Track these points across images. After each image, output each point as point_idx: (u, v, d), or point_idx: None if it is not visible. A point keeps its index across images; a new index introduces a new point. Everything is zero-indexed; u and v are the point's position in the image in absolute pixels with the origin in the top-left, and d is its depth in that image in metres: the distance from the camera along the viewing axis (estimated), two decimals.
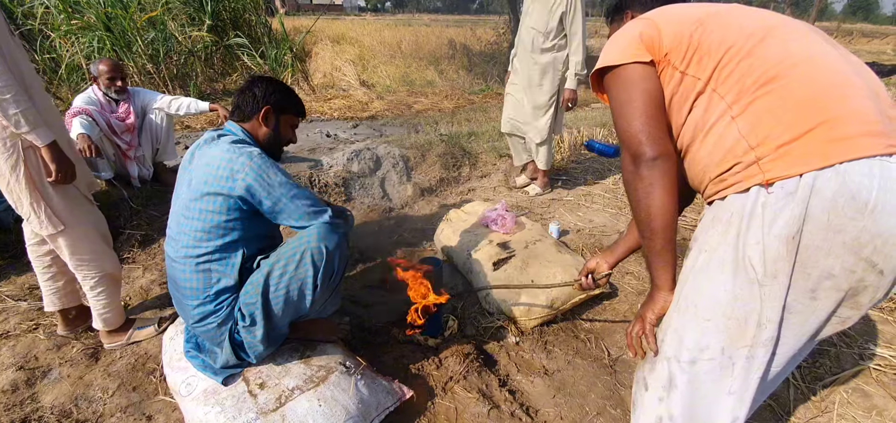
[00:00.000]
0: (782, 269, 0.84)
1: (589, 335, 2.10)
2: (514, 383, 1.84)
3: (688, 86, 0.98)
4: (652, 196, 0.98)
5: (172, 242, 1.54)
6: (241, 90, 1.64)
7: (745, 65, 0.91)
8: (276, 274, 1.46)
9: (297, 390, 1.47)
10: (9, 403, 1.70)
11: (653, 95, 1.00)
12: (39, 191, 1.64)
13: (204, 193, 1.44)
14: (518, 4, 11.27)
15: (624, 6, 1.34)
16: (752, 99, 0.88)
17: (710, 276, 0.94)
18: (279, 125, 1.67)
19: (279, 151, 1.72)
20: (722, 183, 0.95)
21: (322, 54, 8.83)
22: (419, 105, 7.42)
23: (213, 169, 1.44)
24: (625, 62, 1.02)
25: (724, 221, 0.93)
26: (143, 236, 2.87)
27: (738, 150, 0.89)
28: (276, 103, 1.63)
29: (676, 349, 0.99)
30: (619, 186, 3.92)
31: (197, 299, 1.49)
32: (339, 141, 4.80)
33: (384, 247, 2.91)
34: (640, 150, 0.98)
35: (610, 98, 1.08)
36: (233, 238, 1.48)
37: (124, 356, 1.95)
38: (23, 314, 2.20)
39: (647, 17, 1.07)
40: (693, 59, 0.97)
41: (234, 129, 1.60)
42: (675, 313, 1.01)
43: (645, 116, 0.99)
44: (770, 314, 0.87)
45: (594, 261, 1.60)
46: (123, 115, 3.10)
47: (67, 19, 5.83)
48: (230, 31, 7.60)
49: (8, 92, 1.44)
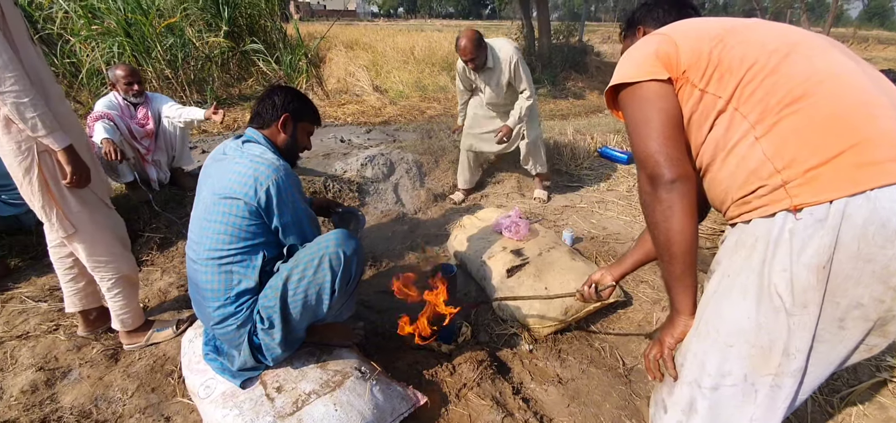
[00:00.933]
0: (812, 299, 0.82)
1: (603, 344, 2.08)
2: (527, 391, 1.83)
3: (708, 104, 0.95)
4: (671, 220, 0.95)
5: (194, 244, 1.57)
6: (260, 98, 1.69)
7: (769, 83, 0.88)
8: (295, 279, 1.49)
9: (314, 394, 1.48)
10: (29, 403, 1.73)
11: (670, 114, 0.98)
12: (53, 194, 1.67)
13: (226, 197, 1.48)
14: (531, 9, 11.29)
15: (637, 21, 1.32)
16: (778, 119, 0.86)
17: (733, 302, 0.92)
18: (296, 132, 1.71)
19: (296, 157, 1.76)
20: (745, 205, 0.92)
21: (336, 60, 8.90)
22: (432, 110, 7.44)
23: (238, 175, 1.48)
24: (640, 80, 0.99)
25: (748, 246, 0.90)
26: (162, 239, 2.92)
27: (762, 172, 0.87)
28: (294, 111, 1.68)
29: (697, 374, 0.97)
30: (633, 193, 3.89)
31: (218, 300, 1.51)
32: (352, 146, 4.83)
33: (398, 252, 2.92)
34: (657, 171, 0.95)
35: (625, 116, 1.05)
36: (254, 241, 1.51)
37: (143, 358, 1.98)
38: (43, 315, 2.25)
39: (663, 33, 1.05)
40: (713, 76, 0.94)
41: (255, 135, 1.63)
42: (695, 338, 0.99)
43: (662, 136, 0.96)
44: (799, 344, 0.85)
45: (599, 272, 1.59)
46: (143, 120, 3.16)
47: (87, 25, 5.96)
48: (246, 36, 7.71)
49: (25, 96, 1.47)
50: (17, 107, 1.47)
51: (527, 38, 11.10)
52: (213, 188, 1.52)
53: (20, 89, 1.46)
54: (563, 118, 7.44)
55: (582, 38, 13.24)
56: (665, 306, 2.32)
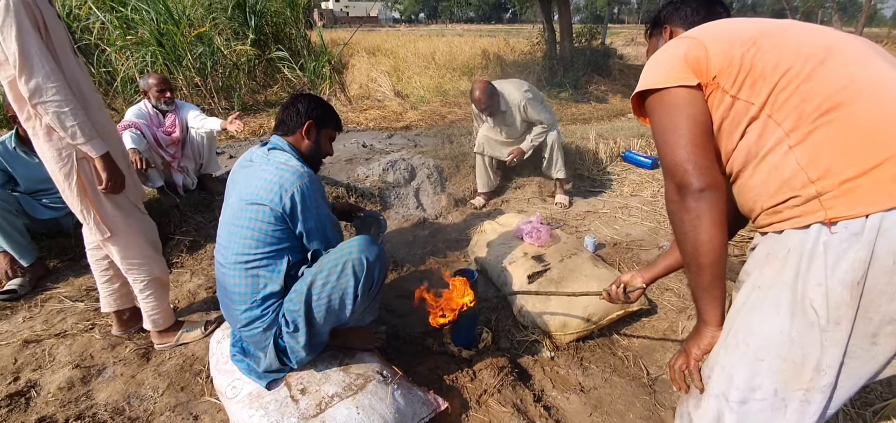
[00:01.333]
0: (845, 315, 0.80)
1: (627, 353, 2.05)
2: (549, 399, 1.82)
3: (740, 110, 0.92)
4: (699, 229, 0.93)
5: (223, 249, 1.61)
6: (285, 106, 1.74)
7: (804, 89, 0.85)
8: (319, 284, 1.52)
9: (337, 397, 1.51)
10: (65, 399, 1.80)
11: (699, 121, 0.95)
12: (90, 199, 1.75)
13: (252, 203, 1.52)
14: (552, 12, 11.22)
15: (663, 21, 1.28)
16: (813, 128, 0.83)
17: (763, 314, 0.89)
18: (320, 139, 1.76)
19: (319, 162, 1.81)
20: (777, 215, 0.90)
21: (358, 66, 9.03)
22: (453, 115, 7.46)
23: (264, 182, 1.53)
24: (669, 86, 0.97)
25: (781, 257, 0.88)
26: (191, 242, 3.01)
27: (795, 182, 0.85)
28: (317, 118, 1.73)
29: (725, 388, 0.95)
30: (657, 199, 3.82)
31: (245, 303, 1.55)
32: (374, 151, 4.88)
33: (419, 257, 2.94)
34: (685, 180, 0.92)
35: (652, 123, 1.02)
36: (279, 246, 1.56)
37: (173, 357, 2.04)
38: (80, 315, 2.34)
39: (692, 36, 1.01)
40: (745, 82, 0.91)
41: (281, 142, 1.68)
42: (723, 350, 0.96)
43: (691, 143, 0.93)
44: (830, 361, 0.83)
45: (629, 274, 1.56)
46: (170, 128, 3.27)
47: (122, 35, 6.20)
48: (272, 44, 7.90)
49: (67, 105, 1.55)
50: (58, 116, 1.55)
51: (548, 42, 11.04)
52: (241, 194, 1.57)
53: (61, 99, 1.54)
54: (586, 122, 7.36)
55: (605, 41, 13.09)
56: (691, 314, 2.27)
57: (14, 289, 2.47)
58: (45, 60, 1.50)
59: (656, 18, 1.32)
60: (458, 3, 20.12)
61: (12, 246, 2.52)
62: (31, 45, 1.47)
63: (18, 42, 1.44)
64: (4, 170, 2.64)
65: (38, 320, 2.30)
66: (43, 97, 1.51)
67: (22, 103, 1.56)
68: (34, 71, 1.48)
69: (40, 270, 2.65)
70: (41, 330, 2.21)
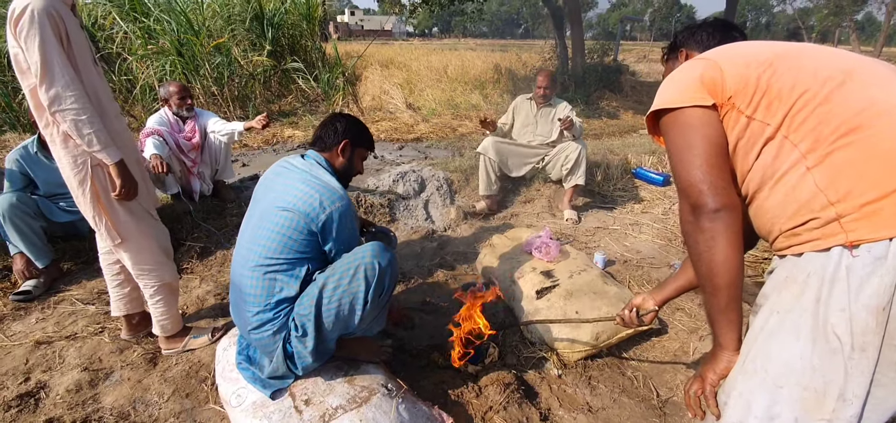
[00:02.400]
0: (871, 342, 0.77)
1: (636, 373, 2.01)
2: (555, 418, 1.78)
3: (755, 131, 0.92)
4: (714, 251, 0.91)
5: (243, 250, 1.63)
6: (323, 124, 1.83)
7: (821, 112, 0.84)
8: (330, 287, 1.53)
9: (341, 409, 1.49)
10: (72, 402, 1.82)
11: (715, 141, 0.94)
12: (103, 205, 1.78)
13: (286, 209, 1.55)
14: (564, 28, 11.27)
15: (679, 45, 1.28)
16: (831, 150, 0.82)
17: (782, 341, 0.87)
18: (353, 157, 1.83)
19: (350, 179, 1.88)
20: (795, 237, 0.88)
21: (371, 78, 9.14)
22: (463, 128, 7.50)
23: (303, 194, 1.57)
24: (684, 105, 0.96)
25: (800, 281, 0.86)
26: (202, 249, 3.04)
27: (814, 204, 0.83)
28: (353, 138, 1.81)
29: (742, 415, 0.92)
30: (668, 216, 3.77)
31: (258, 305, 1.56)
32: (385, 162, 4.92)
33: (427, 269, 2.93)
34: (701, 200, 0.91)
35: (667, 142, 1.02)
36: (302, 255, 1.58)
37: (180, 363, 2.05)
38: (90, 317, 2.37)
39: (708, 58, 1.01)
40: (761, 103, 0.91)
41: (318, 158, 1.75)
42: (741, 376, 0.94)
43: (706, 163, 0.92)
44: (857, 390, 0.80)
45: (641, 297, 1.54)
46: (190, 134, 3.33)
47: (144, 44, 6.37)
48: (288, 56, 8.04)
49: (84, 113, 1.59)
50: (75, 124, 1.58)
51: (560, 58, 11.07)
52: (275, 200, 1.60)
53: (79, 108, 1.57)
54: (597, 138, 7.34)
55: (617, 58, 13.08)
56: (703, 336, 2.22)
57: (29, 290, 2.51)
58: (65, 71, 1.54)
59: (673, 43, 1.33)
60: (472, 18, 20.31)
61: (29, 248, 2.57)
62: (53, 55, 1.51)
63: (41, 52, 1.48)
64: (25, 173, 2.70)
65: (50, 322, 2.33)
66: (61, 105, 1.55)
67: (41, 111, 1.60)
68: (54, 80, 1.52)
69: (55, 272, 2.70)
70: (52, 332, 2.24)
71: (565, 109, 3.80)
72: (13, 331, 2.25)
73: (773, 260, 1.00)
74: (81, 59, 1.63)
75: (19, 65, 1.55)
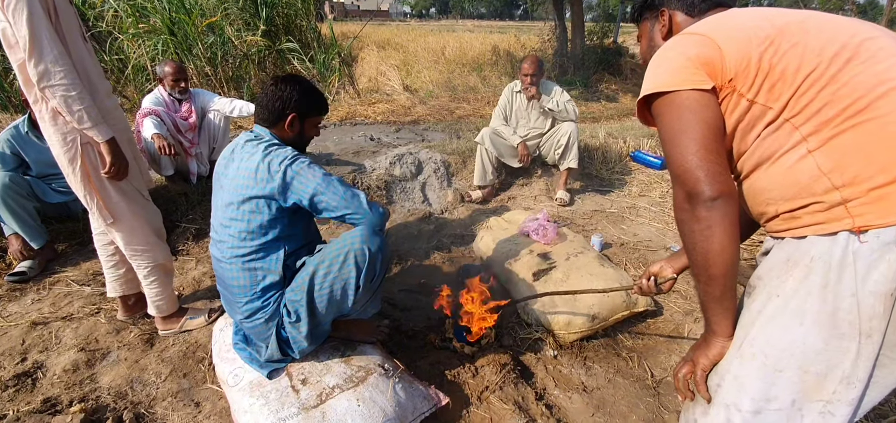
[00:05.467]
0: (877, 327, 0.77)
1: (631, 354, 2.03)
2: (551, 397, 1.80)
3: (756, 113, 0.88)
4: (710, 240, 0.88)
5: (218, 244, 1.61)
6: (264, 93, 1.62)
7: (827, 93, 0.81)
8: (321, 274, 1.51)
9: (338, 388, 1.50)
10: (70, 382, 1.82)
11: (712, 125, 0.89)
12: (94, 184, 1.76)
13: (245, 198, 1.50)
14: (564, 9, 11.12)
15: (660, 2, 1.15)
16: (836, 132, 0.80)
17: (785, 324, 0.85)
18: (304, 128, 1.69)
19: (304, 148, 1.75)
20: (794, 220, 0.87)
21: (368, 59, 9.03)
22: (461, 111, 7.43)
23: (252, 173, 1.50)
24: (680, 89, 0.90)
25: (804, 265, 0.84)
26: (197, 230, 3.03)
27: (816, 187, 0.81)
28: (300, 110, 1.62)
29: (736, 397, 0.92)
30: (666, 199, 3.77)
31: (245, 296, 1.55)
32: (382, 145, 4.88)
33: (423, 251, 2.93)
34: (697, 188, 0.87)
35: (660, 126, 0.96)
36: (274, 236, 1.54)
37: (177, 344, 2.05)
38: (86, 299, 2.37)
39: (703, 34, 0.94)
40: (763, 85, 0.86)
41: (263, 132, 1.63)
42: (737, 360, 0.92)
43: (703, 149, 0.87)
44: (860, 374, 0.80)
45: (658, 265, 1.50)
46: (186, 114, 3.30)
47: (135, 23, 6.24)
48: (282, 36, 7.90)
49: (74, 89, 1.56)
50: (65, 100, 1.55)
51: (559, 39, 10.94)
52: (229, 190, 1.54)
53: (69, 83, 1.54)
54: (595, 121, 7.30)
55: (617, 40, 12.94)
56: (697, 317, 2.24)
57: (24, 271, 2.50)
58: (54, 45, 1.51)
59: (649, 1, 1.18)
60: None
61: (24, 229, 2.55)
62: (42, 29, 1.47)
63: (29, 26, 1.45)
64: (17, 153, 2.67)
65: (46, 303, 2.32)
66: (50, 81, 1.52)
67: (30, 86, 1.57)
68: (43, 55, 1.49)
69: (49, 253, 2.68)
70: (48, 313, 2.24)
71: (555, 95, 3.66)
72: (9, 312, 2.25)
73: (766, 240, 0.98)
74: (69, 34, 1.59)
75: (7, 40, 1.52)
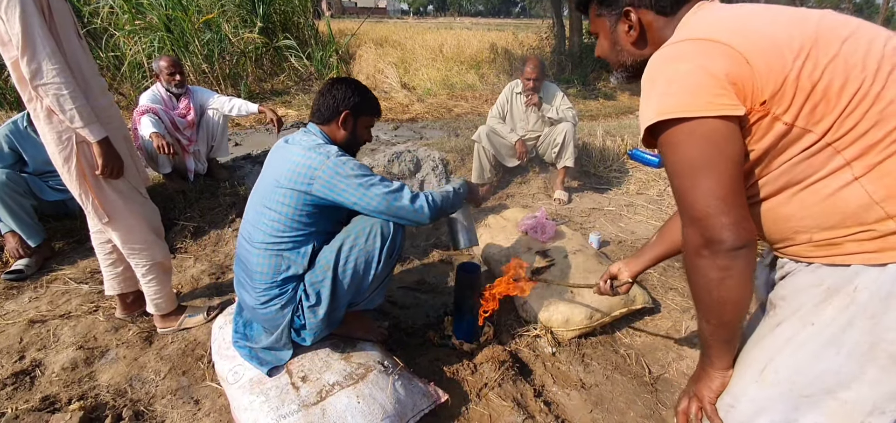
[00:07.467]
0: None
1: (629, 351, 2.04)
2: (549, 394, 1.81)
3: (793, 137, 0.78)
4: (729, 289, 0.80)
5: (250, 226, 1.63)
6: (320, 93, 1.69)
7: (874, 113, 0.73)
8: (347, 247, 1.57)
9: (337, 385, 1.51)
10: (68, 380, 1.82)
11: (737, 162, 0.78)
12: (89, 183, 1.75)
13: (284, 188, 1.54)
14: (562, 7, 11.12)
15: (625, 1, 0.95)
16: (883, 156, 0.73)
17: (818, 354, 0.81)
18: (357, 127, 1.73)
19: (356, 150, 1.79)
20: (834, 247, 0.80)
21: (365, 57, 9.02)
22: (459, 108, 7.44)
23: (294, 167, 1.54)
24: (707, 115, 0.76)
25: (845, 294, 0.78)
26: (196, 228, 3.02)
27: (867, 216, 0.75)
28: (353, 107, 1.68)
29: (751, 419, 0.88)
30: (663, 197, 3.79)
31: (265, 283, 1.58)
32: (379, 143, 4.88)
33: (422, 249, 2.93)
34: (720, 236, 0.77)
35: (673, 158, 0.82)
36: (307, 231, 1.59)
37: (175, 341, 2.05)
38: (84, 297, 2.36)
39: (726, 44, 0.78)
40: (804, 107, 0.76)
41: (316, 130, 1.69)
42: (756, 385, 0.87)
43: (729, 191, 0.77)
44: (893, 405, 0.78)
45: (617, 266, 1.51)
46: (184, 111, 3.29)
47: (131, 20, 6.22)
48: (279, 33, 7.89)
49: (66, 88, 1.55)
50: (57, 98, 1.55)
51: (557, 37, 10.95)
52: (274, 175, 1.59)
53: (61, 81, 1.54)
54: (593, 119, 7.32)
55: None
56: (695, 314, 2.25)
57: (21, 269, 2.49)
58: (47, 42, 1.50)
59: None
60: None
61: (20, 227, 2.54)
62: (34, 26, 1.47)
63: (22, 23, 1.44)
64: (15, 150, 2.66)
65: (44, 301, 2.32)
66: (43, 79, 1.51)
67: (24, 85, 1.57)
68: (36, 52, 1.48)
69: (46, 251, 2.67)
70: (46, 311, 2.23)
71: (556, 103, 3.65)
72: (6, 310, 2.24)
73: (786, 264, 0.92)
74: (63, 32, 1.59)
75: (0, 37, 1.51)
